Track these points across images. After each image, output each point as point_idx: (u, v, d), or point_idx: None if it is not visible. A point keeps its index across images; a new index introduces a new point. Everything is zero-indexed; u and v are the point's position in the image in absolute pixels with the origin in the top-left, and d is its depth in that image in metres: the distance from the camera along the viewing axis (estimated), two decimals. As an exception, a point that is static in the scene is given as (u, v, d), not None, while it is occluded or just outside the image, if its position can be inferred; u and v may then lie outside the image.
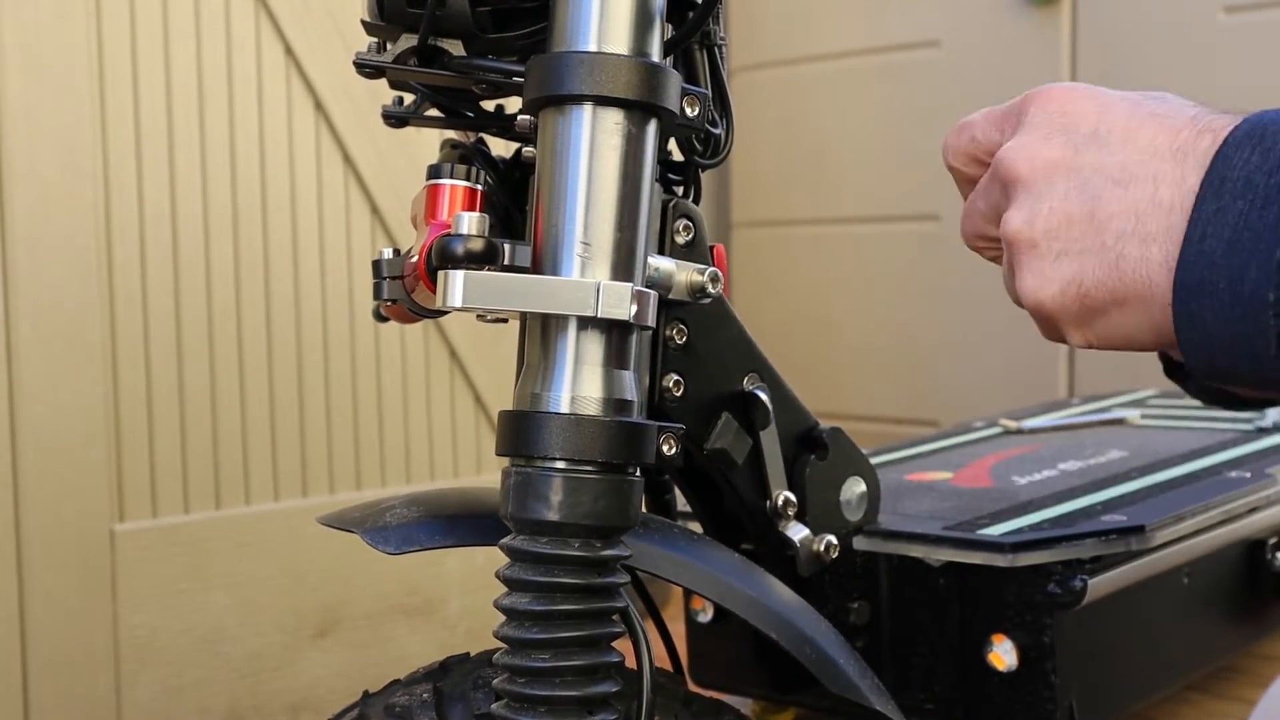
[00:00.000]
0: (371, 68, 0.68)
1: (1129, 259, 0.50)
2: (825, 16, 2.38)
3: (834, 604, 0.96)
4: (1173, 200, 0.49)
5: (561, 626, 0.58)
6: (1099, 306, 0.52)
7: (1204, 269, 0.47)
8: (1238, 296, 0.46)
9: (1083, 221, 0.51)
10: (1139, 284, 0.50)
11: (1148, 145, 0.51)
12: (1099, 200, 0.51)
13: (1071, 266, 0.52)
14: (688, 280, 0.71)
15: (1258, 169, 0.46)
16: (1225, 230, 0.46)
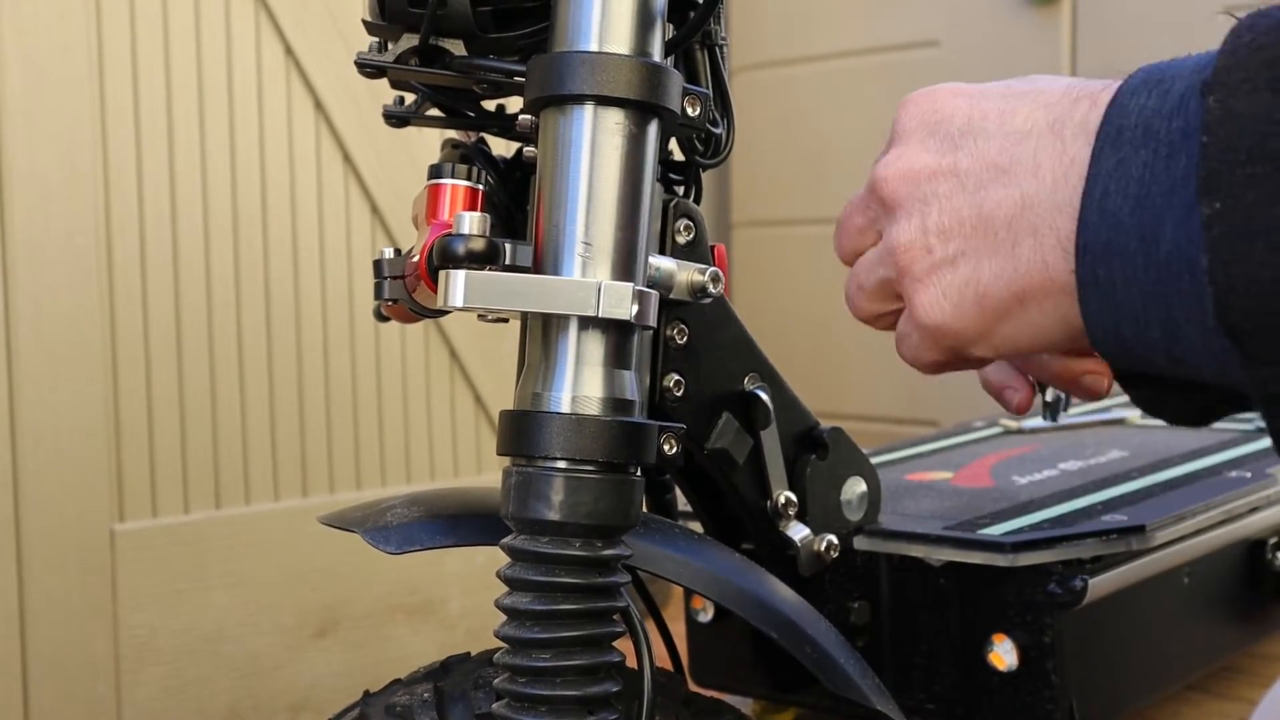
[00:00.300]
0: (373, 67, 0.68)
1: (1023, 248, 0.45)
2: (825, 16, 2.38)
3: (834, 604, 0.96)
4: (1055, 173, 0.45)
5: (562, 626, 0.58)
6: (1000, 308, 0.47)
7: (1109, 229, 0.42)
8: (1151, 257, 0.41)
9: (972, 219, 0.47)
10: (1036, 272, 0.45)
11: (1023, 125, 0.47)
12: (984, 192, 0.47)
13: (966, 270, 0.47)
14: (689, 280, 0.71)
15: (1155, 113, 0.42)
16: (1130, 185, 0.41)
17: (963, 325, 0.48)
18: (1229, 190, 0.38)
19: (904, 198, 0.50)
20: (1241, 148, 0.38)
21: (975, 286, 0.47)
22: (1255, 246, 0.38)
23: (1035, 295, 0.46)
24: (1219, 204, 0.38)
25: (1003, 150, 0.47)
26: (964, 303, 0.47)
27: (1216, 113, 0.39)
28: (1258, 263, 0.38)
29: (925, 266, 0.49)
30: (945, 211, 0.48)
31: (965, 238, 0.47)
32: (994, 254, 0.46)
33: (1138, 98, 0.43)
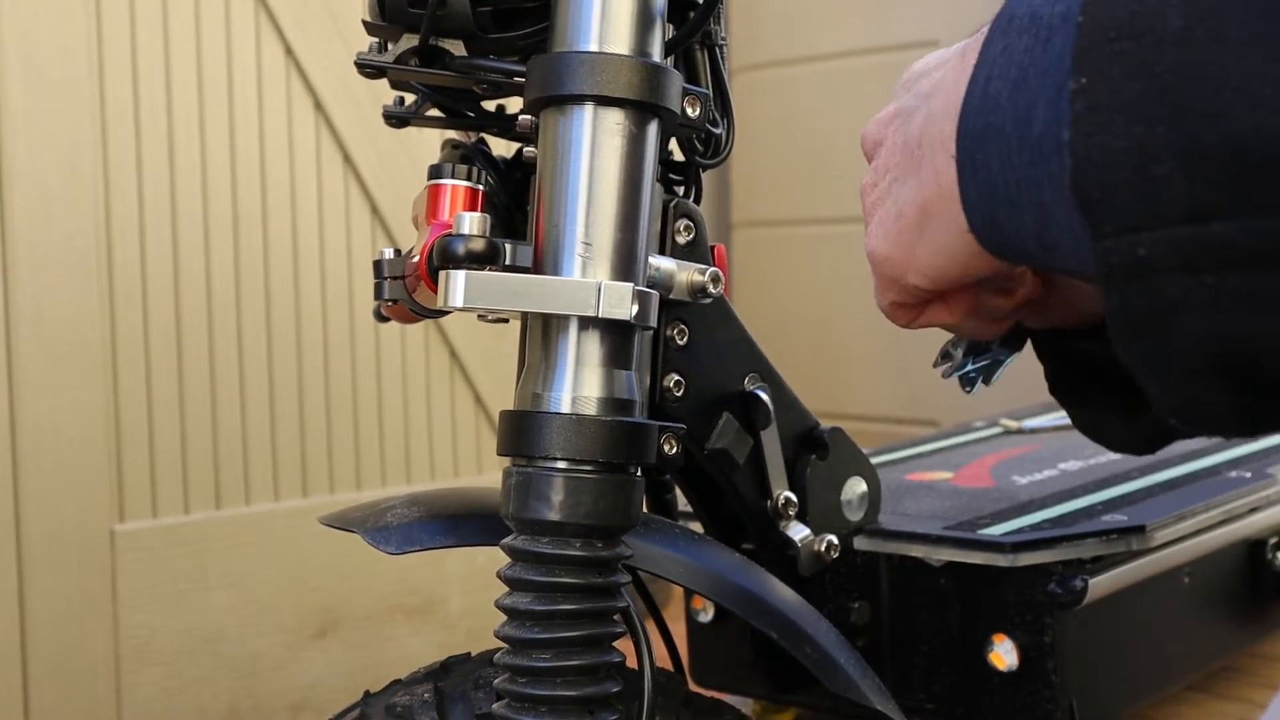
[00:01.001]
0: (373, 68, 0.68)
1: (925, 163, 0.46)
2: (825, 16, 2.38)
3: (834, 604, 0.96)
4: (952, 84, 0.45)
5: (563, 626, 0.58)
6: (913, 226, 0.47)
7: (989, 113, 0.42)
8: (1025, 139, 0.41)
9: (901, 149, 0.49)
10: (932, 183, 0.46)
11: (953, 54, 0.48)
12: (910, 122, 0.48)
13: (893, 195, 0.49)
14: (689, 280, 0.71)
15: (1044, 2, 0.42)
16: (1011, 70, 0.42)
17: (890, 249, 0.49)
18: (1095, 66, 0.39)
19: (872, 146, 0.53)
20: (1112, 25, 0.39)
21: (895, 207, 0.48)
22: (1114, 119, 0.38)
23: (933, 207, 0.46)
24: (1085, 79, 0.39)
25: (933, 82, 0.48)
26: (889, 226, 0.49)
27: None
28: (1115, 134, 0.38)
29: (872, 201, 0.51)
30: (889, 150, 0.51)
31: (897, 167, 0.49)
32: (909, 175, 0.48)
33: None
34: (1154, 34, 0.38)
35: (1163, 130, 0.37)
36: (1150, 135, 0.38)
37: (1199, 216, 0.37)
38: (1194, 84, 0.37)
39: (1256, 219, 0.36)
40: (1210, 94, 0.37)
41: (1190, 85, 0.37)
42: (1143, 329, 0.39)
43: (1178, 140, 0.37)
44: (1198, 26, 0.37)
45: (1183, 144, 0.37)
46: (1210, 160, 0.37)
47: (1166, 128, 0.37)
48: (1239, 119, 0.36)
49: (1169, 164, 0.37)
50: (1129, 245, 0.38)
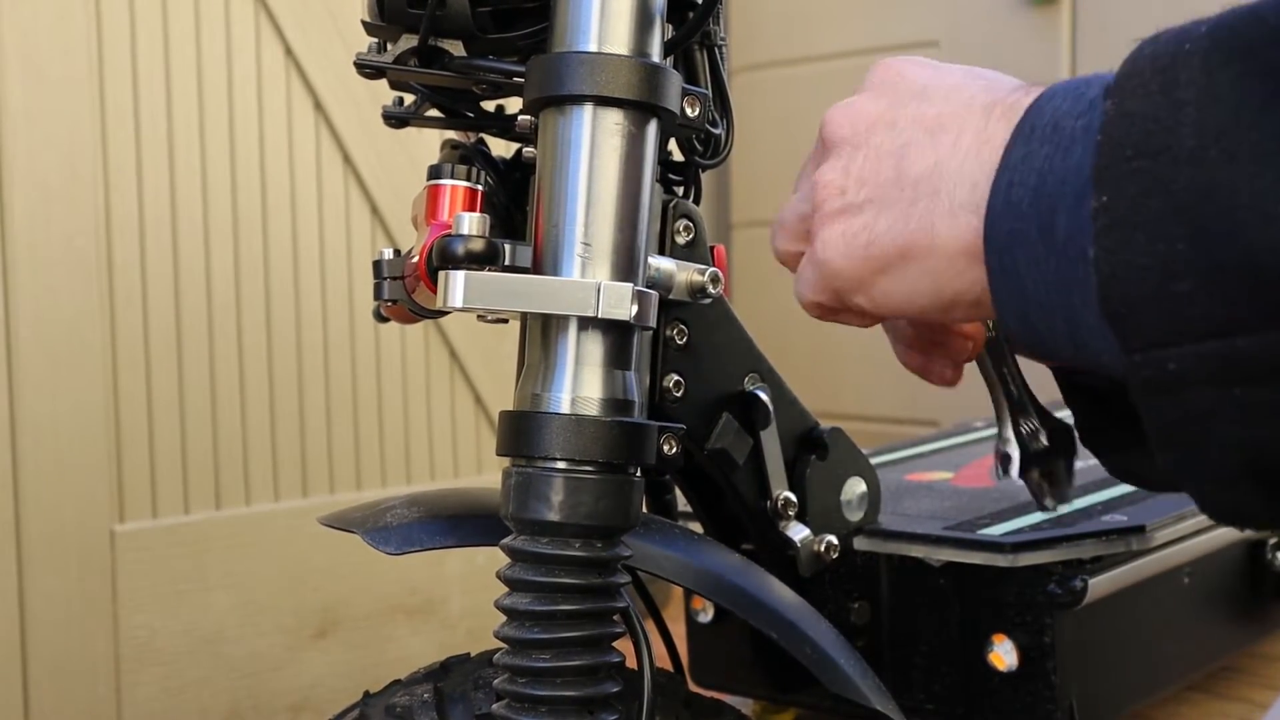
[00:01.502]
0: (372, 68, 0.68)
1: (918, 207, 0.47)
2: (825, 16, 2.38)
3: (834, 604, 0.96)
4: (970, 147, 0.47)
5: (562, 627, 0.58)
6: (883, 258, 0.49)
7: (1013, 219, 0.44)
8: (1050, 247, 0.43)
9: (890, 170, 0.49)
10: (922, 233, 0.47)
11: (966, 100, 0.49)
12: (907, 149, 0.49)
13: (867, 217, 0.49)
14: (688, 280, 0.71)
15: (1067, 114, 0.44)
16: (1031, 177, 0.43)
17: (848, 267, 0.50)
18: (1115, 184, 0.40)
19: (842, 139, 0.52)
20: (1129, 143, 0.41)
21: (868, 233, 0.49)
22: (1136, 237, 0.40)
23: (916, 254, 0.48)
24: (1106, 196, 0.41)
25: (939, 116, 0.49)
26: (855, 246, 0.50)
27: (1112, 113, 0.42)
28: (1137, 251, 0.40)
29: (836, 206, 0.51)
30: (870, 160, 0.50)
31: (877, 186, 0.49)
32: (893, 207, 0.48)
33: (1054, 101, 0.45)
34: (1169, 152, 0.39)
35: (1182, 248, 0.39)
36: (1171, 253, 0.39)
37: (1223, 332, 0.39)
38: (1209, 202, 0.38)
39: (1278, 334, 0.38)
40: (1224, 212, 0.38)
41: (1205, 203, 0.38)
42: (1178, 440, 0.41)
43: (1197, 258, 0.39)
44: (1211, 146, 0.39)
45: (1202, 261, 0.38)
46: (1229, 277, 0.38)
47: (1186, 245, 0.39)
48: (1254, 237, 0.38)
49: (1190, 281, 0.39)
50: (1158, 360, 0.40)
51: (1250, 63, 0.39)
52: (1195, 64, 0.40)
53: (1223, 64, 0.39)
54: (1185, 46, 0.41)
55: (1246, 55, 0.39)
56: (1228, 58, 0.39)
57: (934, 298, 0.48)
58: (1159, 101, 0.40)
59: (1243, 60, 0.39)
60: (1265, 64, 0.38)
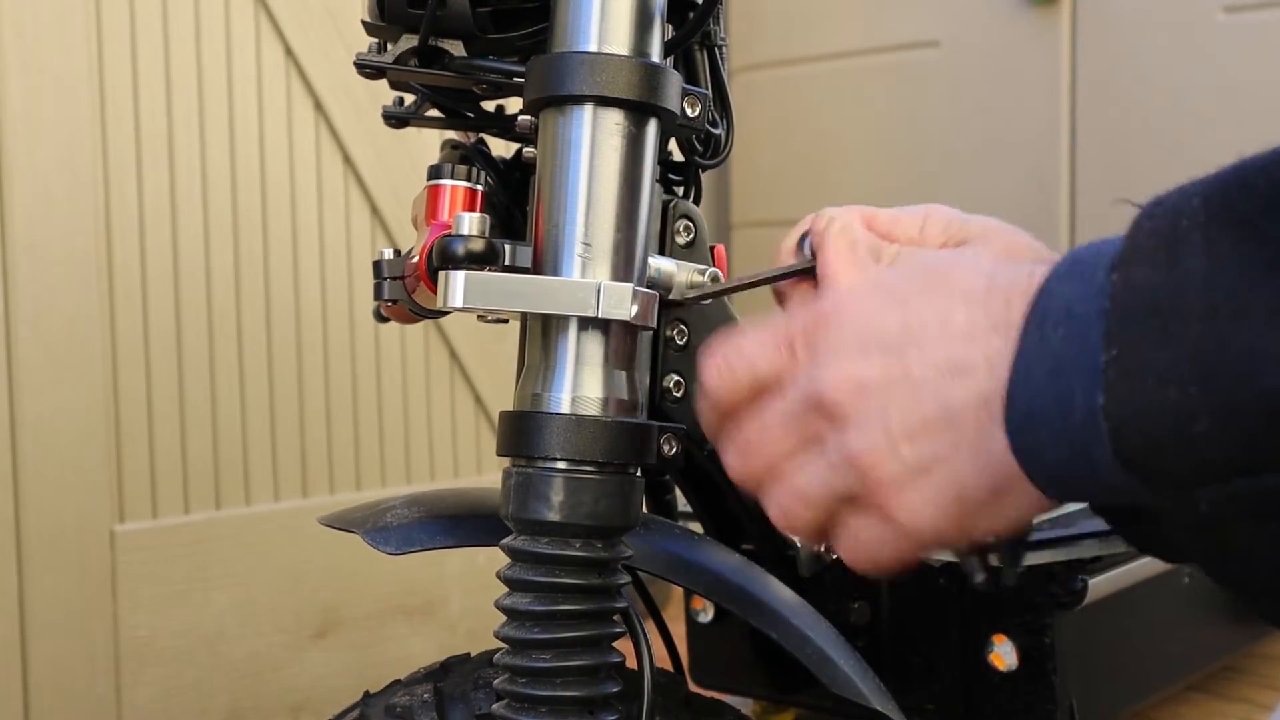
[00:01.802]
0: (372, 68, 0.68)
1: (996, 447, 0.46)
2: (825, 16, 2.38)
3: (834, 604, 0.96)
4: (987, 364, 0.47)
5: (562, 627, 0.58)
6: (980, 503, 0.48)
7: (1030, 399, 0.44)
8: (1069, 418, 0.43)
9: (939, 421, 0.48)
10: (1006, 466, 0.47)
11: (965, 330, 0.48)
12: (946, 393, 0.48)
13: (945, 472, 0.48)
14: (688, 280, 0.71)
15: (1078, 298, 0.45)
16: (1048, 359, 0.44)
17: (946, 525, 0.49)
18: (1125, 339, 0.42)
19: (857, 407, 0.49)
20: (1139, 307, 0.42)
21: (956, 489, 0.48)
22: (1147, 383, 0.41)
23: (1010, 488, 0.47)
24: (1115, 351, 0.42)
25: (951, 354, 0.48)
26: (945, 504, 0.48)
27: (1119, 284, 0.43)
28: (1149, 396, 0.41)
29: (898, 471, 0.49)
30: (909, 415, 0.48)
31: (934, 439, 0.48)
32: (969, 454, 0.48)
33: (1064, 285, 0.46)
34: (1179, 312, 0.41)
35: (1195, 391, 0.40)
36: (1184, 396, 0.40)
37: (1249, 470, 0.39)
38: (1222, 351, 0.40)
39: None
40: (1238, 359, 0.39)
41: (1218, 352, 0.40)
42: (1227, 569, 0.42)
43: (1211, 399, 0.40)
44: (1220, 307, 0.40)
45: (1217, 402, 0.40)
46: (1247, 417, 0.39)
47: (1199, 389, 0.40)
48: (1270, 379, 0.39)
49: (1206, 422, 0.40)
50: (1189, 500, 0.41)
51: (1248, 230, 0.40)
52: (1195, 239, 0.42)
53: (1221, 235, 0.41)
54: (1183, 222, 0.42)
55: (1244, 224, 0.41)
56: (1225, 229, 0.41)
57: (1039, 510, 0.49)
58: (1165, 273, 0.42)
59: (1240, 228, 0.41)
60: (1262, 232, 0.40)
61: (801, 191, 2.45)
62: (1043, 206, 2.10)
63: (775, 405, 0.53)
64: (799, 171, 2.44)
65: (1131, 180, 1.98)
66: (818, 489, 0.52)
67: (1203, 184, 0.43)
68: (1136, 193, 0.50)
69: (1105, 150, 2.04)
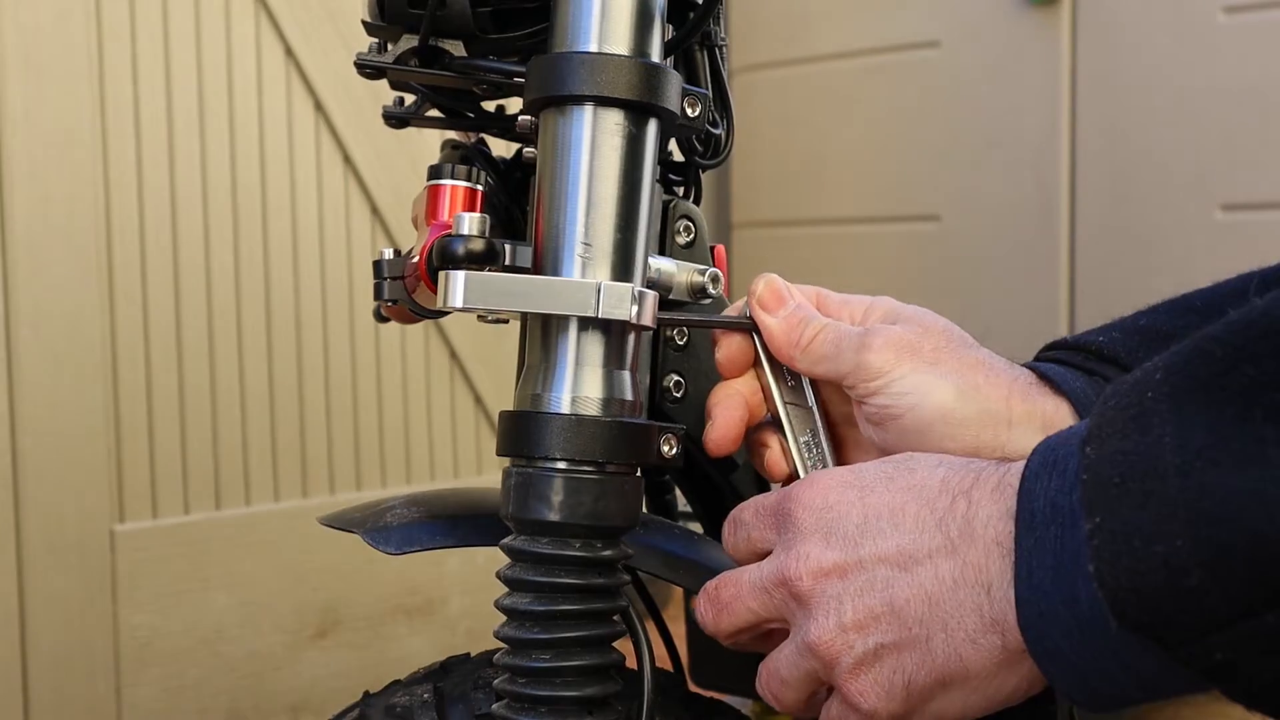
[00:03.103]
0: (372, 68, 0.68)
1: (936, 642, 0.50)
2: (825, 17, 2.38)
3: (834, 604, 0.96)
4: (952, 578, 0.50)
5: (562, 627, 0.58)
6: (926, 692, 0.51)
7: (1040, 601, 0.46)
8: (1077, 617, 0.45)
9: (885, 613, 0.51)
10: (953, 663, 0.50)
11: (914, 524, 0.51)
12: (892, 589, 0.51)
13: (891, 662, 0.51)
14: (688, 281, 0.70)
15: (1059, 491, 0.46)
16: (1047, 558, 0.46)
17: (894, 708, 0.52)
18: (1105, 506, 0.43)
19: (816, 595, 0.53)
20: (1114, 473, 0.43)
21: (901, 676, 0.51)
22: (1133, 543, 0.42)
23: (955, 680, 0.50)
24: (1098, 518, 0.43)
25: (900, 549, 0.51)
26: (894, 690, 0.51)
27: (1092, 457, 0.45)
28: (1137, 557, 0.42)
29: (850, 662, 0.52)
30: (858, 608, 0.52)
31: (882, 631, 0.51)
32: (913, 647, 0.51)
33: (1041, 481, 0.47)
34: (1155, 472, 0.42)
35: (1182, 544, 0.41)
36: (1172, 550, 0.41)
37: (1249, 612, 0.40)
38: (1202, 500, 0.41)
39: None
40: (1220, 505, 0.40)
41: (1199, 501, 0.41)
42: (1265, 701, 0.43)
43: (1201, 551, 0.41)
44: (1194, 459, 0.41)
45: (1205, 553, 0.41)
46: (1236, 561, 0.40)
47: (1185, 541, 0.41)
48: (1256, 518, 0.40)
49: (1198, 574, 0.41)
50: (1205, 650, 0.42)
51: (1213, 393, 0.42)
52: (1163, 406, 0.43)
53: (1188, 399, 0.43)
54: (1148, 395, 0.44)
55: (1208, 387, 0.42)
56: (1191, 393, 0.43)
57: (989, 703, 0.51)
58: (1137, 440, 0.43)
59: (1205, 391, 0.42)
60: (1226, 391, 0.42)
61: (801, 191, 2.45)
62: (1043, 206, 2.10)
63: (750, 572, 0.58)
64: (799, 171, 2.44)
65: (1132, 180, 1.98)
66: (790, 671, 0.56)
67: (1163, 359, 0.45)
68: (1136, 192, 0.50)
69: (1105, 150, 2.04)
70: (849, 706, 0.53)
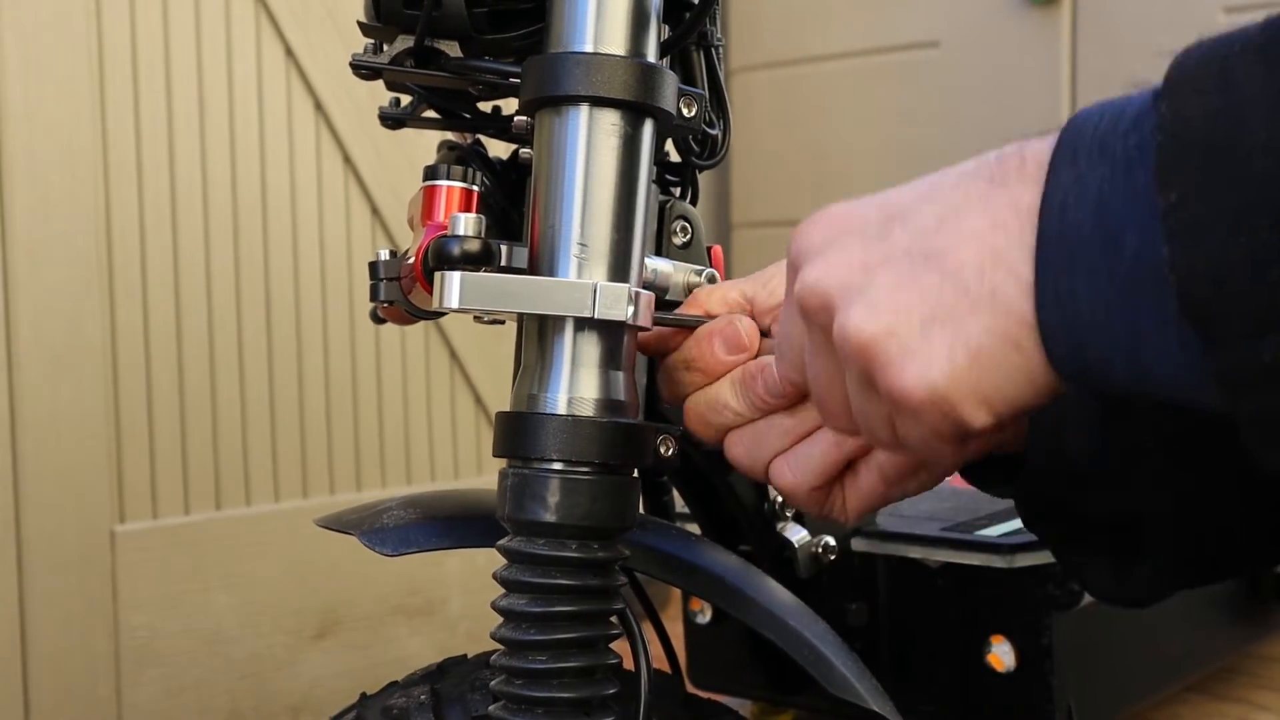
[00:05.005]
0: (368, 69, 0.68)
1: (1005, 287, 0.43)
2: (825, 16, 2.38)
3: (832, 605, 0.96)
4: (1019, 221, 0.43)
5: (559, 628, 0.58)
6: (995, 359, 0.44)
7: (1071, 242, 0.41)
8: (1116, 266, 0.40)
9: (937, 284, 0.44)
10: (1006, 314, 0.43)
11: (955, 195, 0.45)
12: (941, 253, 0.44)
13: (948, 331, 0.44)
14: (685, 281, 0.70)
15: (1110, 132, 0.42)
16: (1089, 199, 0.41)
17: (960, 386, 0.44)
18: (1185, 181, 0.39)
19: (844, 289, 0.47)
20: (1193, 142, 0.39)
21: (965, 345, 0.44)
22: (1216, 231, 0.38)
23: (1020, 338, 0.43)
24: (1175, 195, 0.39)
25: (944, 218, 0.45)
26: (957, 361, 0.44)
27: (1168, 116, 0.40)
28: (1217, 246, 0.38)
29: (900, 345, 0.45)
30: (902, 285, 0.45)
31: (934, 301, 0.44)
32: (976, 311, 0.44)
33: (1091, 120, 0.43)
34: (1239, 147, 0.38)
35: (1268, 237, 0.37)
36: (1257, 243, 0.37)
37: None
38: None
39: None
40: None
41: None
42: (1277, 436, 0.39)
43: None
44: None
45: None
46: None
47: (1271, 233, 0.37)
48: None
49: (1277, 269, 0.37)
50: (1252, 353, 0.38)
51: None
52: (1251, 59, 0.38)
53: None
54: (1236, 47, 0.39)
55: None
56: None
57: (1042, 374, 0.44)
58: (1218, 100, 0.39)
59: None
60: None
61: (801, 191, 2.45)
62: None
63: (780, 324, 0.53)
64: (799, 171, 2.44)
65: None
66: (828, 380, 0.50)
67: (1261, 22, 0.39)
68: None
69: (1106, 150, 2.04)
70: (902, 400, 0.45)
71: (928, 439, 0.47)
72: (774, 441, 0.59)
